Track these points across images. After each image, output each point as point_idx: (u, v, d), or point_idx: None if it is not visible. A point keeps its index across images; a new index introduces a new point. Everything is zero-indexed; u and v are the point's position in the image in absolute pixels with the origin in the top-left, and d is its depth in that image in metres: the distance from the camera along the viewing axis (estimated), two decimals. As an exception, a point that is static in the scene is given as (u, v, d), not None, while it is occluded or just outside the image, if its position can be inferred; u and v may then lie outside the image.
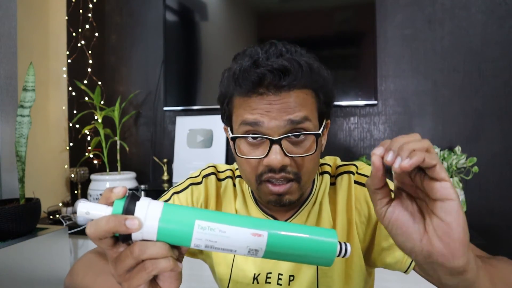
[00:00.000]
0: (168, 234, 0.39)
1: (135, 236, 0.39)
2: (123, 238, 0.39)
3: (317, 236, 0.42)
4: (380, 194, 0.43)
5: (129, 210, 0.39)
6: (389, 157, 0.39)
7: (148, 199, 0.40)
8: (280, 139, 0.56)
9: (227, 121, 0.66)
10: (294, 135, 0.58)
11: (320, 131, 0.60)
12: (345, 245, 0.42)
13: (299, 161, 0.59)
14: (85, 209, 0.39)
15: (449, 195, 0.38)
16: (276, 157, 0.56)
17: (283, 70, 0.56)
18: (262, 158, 0.58)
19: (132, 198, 0.39)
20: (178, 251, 0.42)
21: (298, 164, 0.59)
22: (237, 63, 0.60)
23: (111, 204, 0.40)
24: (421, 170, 0.40)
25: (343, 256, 0.42)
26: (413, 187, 0.43)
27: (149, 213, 0.39)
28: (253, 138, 0.58)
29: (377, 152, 0.40)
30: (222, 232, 0.39)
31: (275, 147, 0.56)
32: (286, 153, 0.57)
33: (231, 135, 0.62)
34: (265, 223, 0.42)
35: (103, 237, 0.39)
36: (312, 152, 0.59)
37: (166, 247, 0.39)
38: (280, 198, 0.60)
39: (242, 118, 0.59)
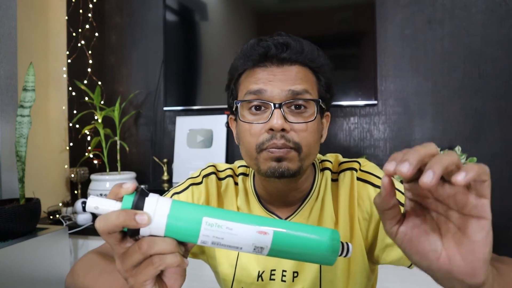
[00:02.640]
0: (176, 230, 0.40)
1: (143, 231, 0.39)
2: (132, 233, 0.40)
3: (320, 235, 0.42)
4: (390, 214, 0.39)
5: (138, 205, 0.39)
6: (405, 169, 0.33)
7: (157, 196, 0.41)
8: (281, 104, 0.61)
9: (233, 101, 0.68)
10: (295, 104, 0.62)
11: (319, 100, 0.64)
12: (347, 245, 0.43)
13: (299, 130, 0.61)
14: (95, 204, 0.40)
15: (486, 213, 0.35)
16: (277, 121, 0.59)
17: (286, 44, 0.62)
18: (264, 123, 0.61)
19: (141, 194, 0.40)
20: (184, 247, 0.42)
21: (299, 133, 0.61)
22: (245, 45, 0.67)
23: (120, 199, 0.41)
24: (447, 182, 0.36)
25: (345, 256, 0.43)
26: (430, 200, 0.38)
27: (158, 209, 0.39)
28: (256, 107, 0.63)
29: (390, 168, 0.34)
30: (229, 229, 0.40)
31: (277, 111, 0.60)
32: (287, 119, 0.61)
33: (237, 100, 0.65)
34: (271, 221, 0.42)
35: (112, 232, 0.39)
36: (312, 119, 0.62)
37: (174, 243, 0.40)
38: (279, 164, 0.60)
39: (247, 89, 0.63)
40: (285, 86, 0.61)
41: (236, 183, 0.75)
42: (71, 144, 2.05)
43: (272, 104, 0.60)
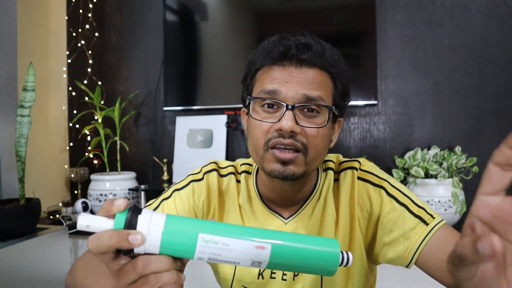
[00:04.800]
0: (171, 247, 0.39)
1: (137, 249, 0.38)
2: (126, 252, 0.39)
3: (319, 247, 0.42)
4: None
5: (131, 224, 0.38)
6: None
7: (150, 212, 0.40)
8: (294, 106, 0.60)
9: (247, 96, 0.68)
10: (308, 107, 0.61)
11: (333, 107, 0.63)
12: (347, 254, 0.42)
13: (309, 134, 0.61)
14: (86, 222, 0.39)
15: None
16: (287, 122, 0.59)
17: (307, 45, 0.61)
18: (274, 122, 0.61)
19: (134, 211, 0.39)
20: (180, 262, 0.42)
21: (308, 136, 0.61)
22: (266, 40, 0.66)
23: (112, 216, 0.39)
24: None
25: (345, 265, 0.42)
26: (506, 224, 0.33)
27: (151, 227, 0.38)
28: (269, 104, 0.62)
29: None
30: (226, 245, 0.39)
31: (288, 113, 0.59)
32: (298, 122, 0.60)
33: (250, 97, 0.65)
34: (269, 234, 0.42)
35: (105, 252, 0.38)
36: (323, 126, 0.61)
37: (169, 261, 0.39)
38: (285, 167, 0.60)
39: (262, 88, 0.63)
40: (300, 89, 0.60)
41: (238, 181, 0.75)
42: (71, 144, 2.05)
43: (284, 105, 0.60)
